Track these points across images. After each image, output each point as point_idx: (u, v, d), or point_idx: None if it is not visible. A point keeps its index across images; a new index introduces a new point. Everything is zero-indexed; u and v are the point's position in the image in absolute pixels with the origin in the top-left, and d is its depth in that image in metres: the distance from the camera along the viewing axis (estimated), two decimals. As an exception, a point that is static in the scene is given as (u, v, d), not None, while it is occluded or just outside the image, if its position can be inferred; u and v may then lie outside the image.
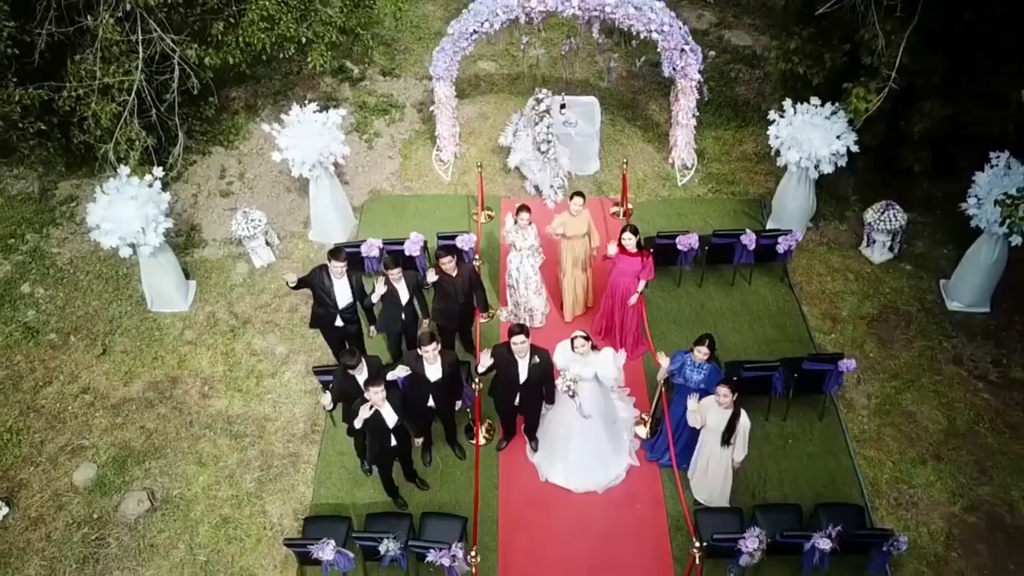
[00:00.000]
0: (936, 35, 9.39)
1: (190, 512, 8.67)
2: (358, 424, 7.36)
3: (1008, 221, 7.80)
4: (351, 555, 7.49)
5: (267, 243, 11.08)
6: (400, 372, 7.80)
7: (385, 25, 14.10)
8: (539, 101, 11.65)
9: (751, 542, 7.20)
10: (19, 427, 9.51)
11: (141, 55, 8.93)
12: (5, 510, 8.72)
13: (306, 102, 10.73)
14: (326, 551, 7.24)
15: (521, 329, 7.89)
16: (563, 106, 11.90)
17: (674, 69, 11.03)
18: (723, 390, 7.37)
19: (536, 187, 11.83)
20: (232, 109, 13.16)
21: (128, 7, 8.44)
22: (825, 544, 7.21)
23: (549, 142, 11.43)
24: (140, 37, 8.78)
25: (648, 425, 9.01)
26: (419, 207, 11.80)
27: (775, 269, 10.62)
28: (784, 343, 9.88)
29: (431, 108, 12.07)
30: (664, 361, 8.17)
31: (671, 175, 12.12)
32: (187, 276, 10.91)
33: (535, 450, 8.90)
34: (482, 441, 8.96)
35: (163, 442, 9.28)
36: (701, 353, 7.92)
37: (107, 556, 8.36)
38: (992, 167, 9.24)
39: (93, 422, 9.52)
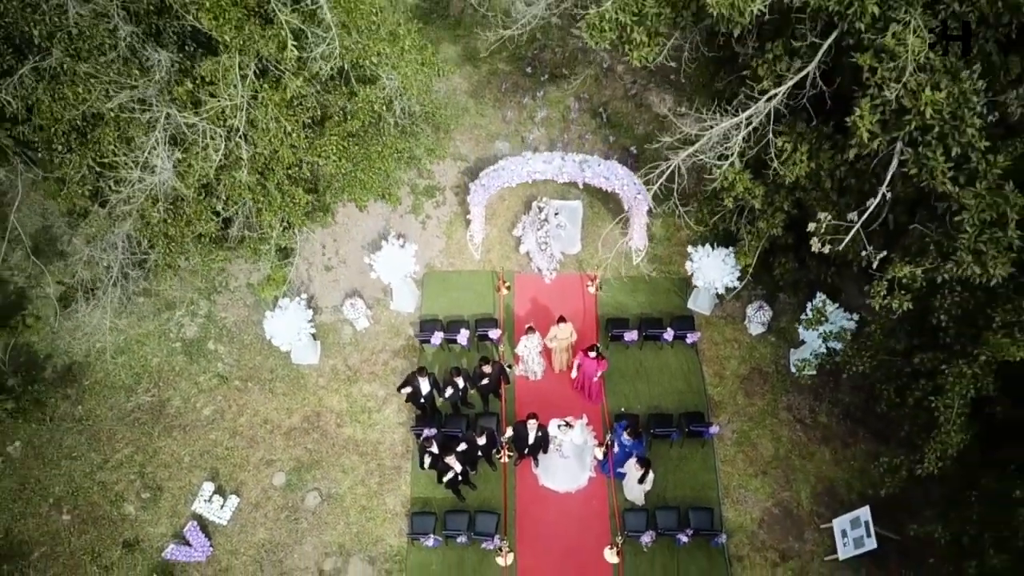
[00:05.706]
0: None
1: (343, 503, 15.44)
2: (444, 480, 13.98)
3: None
4: (440, 539, 14.37)
5: (364, 314, 17.10)
6: (463, 446, 14.32)
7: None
8: (540, 209, 17.33)
9: (647, 537, 14.10)
10: (231, 445, 16.07)
11: (298, 245, 14.64)
12: (238, 499, 15.47)
13: (391, 238, 16.31)
14: (431, 541, 14.09)
15: (533, 415, 14.28)
16: (556, 213, 17.52)
17: (630, 206, 16.56)
18: (636, 467, 13.92)
19: (538, 268, 17.69)
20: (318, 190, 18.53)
21: (288, 222, 14.05)
22: (685, 537, 14.11)
23: (547, 243, 17.22)
24: (298, 233, 14.51)
25: (602, 450, 15.59)
26: (459, 281, 17.70)
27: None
28: (688, 394, 16.29)
29: (467, 216, 17.61)
30: (600, 450, 14.70)
31: (629, 254, 17.90)
32: (314, 338, 17.02)
33: (536, 466, 15.57)
34: (506, 460, 15.60)
35: (320, 458, 15.89)
36: (628, 435, 14.40)
37: (302, 529, 15.24)
38: (813, 305, 15.20)
39: (275, 443, 16.07)
